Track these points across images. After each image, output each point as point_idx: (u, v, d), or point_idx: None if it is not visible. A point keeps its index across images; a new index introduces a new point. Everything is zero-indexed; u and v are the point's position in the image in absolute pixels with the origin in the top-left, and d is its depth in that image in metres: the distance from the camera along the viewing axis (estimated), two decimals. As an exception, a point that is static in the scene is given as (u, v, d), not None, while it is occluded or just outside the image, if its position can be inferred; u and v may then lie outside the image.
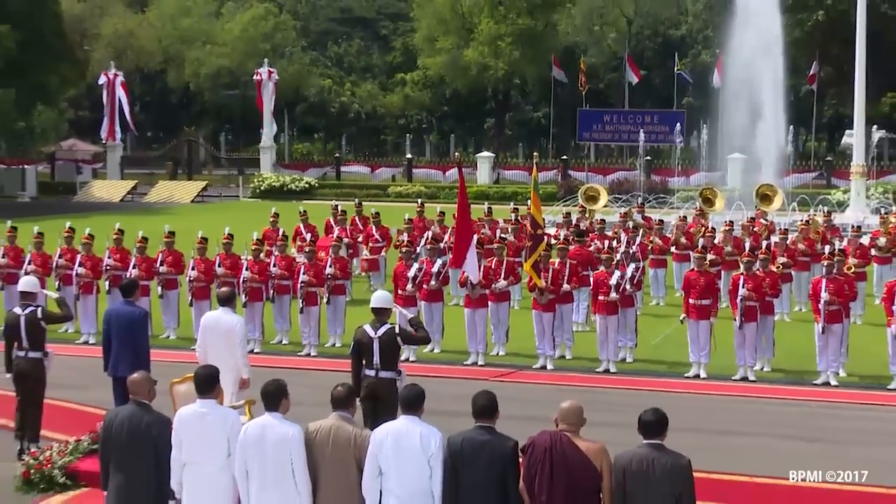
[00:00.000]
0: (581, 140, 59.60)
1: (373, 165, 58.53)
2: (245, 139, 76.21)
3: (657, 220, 24.08)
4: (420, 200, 28.30)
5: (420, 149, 75.00)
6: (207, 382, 8.20)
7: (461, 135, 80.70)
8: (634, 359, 17.14)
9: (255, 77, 56.80)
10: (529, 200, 17.35)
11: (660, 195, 41.07)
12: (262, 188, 53.05)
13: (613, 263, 16.96)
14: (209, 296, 17.75)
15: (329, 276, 18.00)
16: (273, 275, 18.25)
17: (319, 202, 41.82)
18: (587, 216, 26.50)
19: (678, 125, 48.75)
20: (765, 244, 20.20)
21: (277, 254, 18.60)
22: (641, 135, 49.21)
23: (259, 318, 18.04)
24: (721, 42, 49.86)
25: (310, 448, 7.80)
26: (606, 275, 16.69)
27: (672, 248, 22.68)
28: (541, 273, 16.63)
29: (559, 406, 7.64)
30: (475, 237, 17.98)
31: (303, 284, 17.69)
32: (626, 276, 16.82)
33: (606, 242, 20.52)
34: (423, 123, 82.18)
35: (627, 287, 16.83)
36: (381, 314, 10.98)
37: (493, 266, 17.39)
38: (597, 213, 27.68)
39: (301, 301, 17.71)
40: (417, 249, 20.83)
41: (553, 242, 18.29)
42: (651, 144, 52.06)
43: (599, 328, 16.67)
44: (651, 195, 39.82)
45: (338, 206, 25.85)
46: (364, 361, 10.83)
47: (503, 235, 20.83)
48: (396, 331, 10.95)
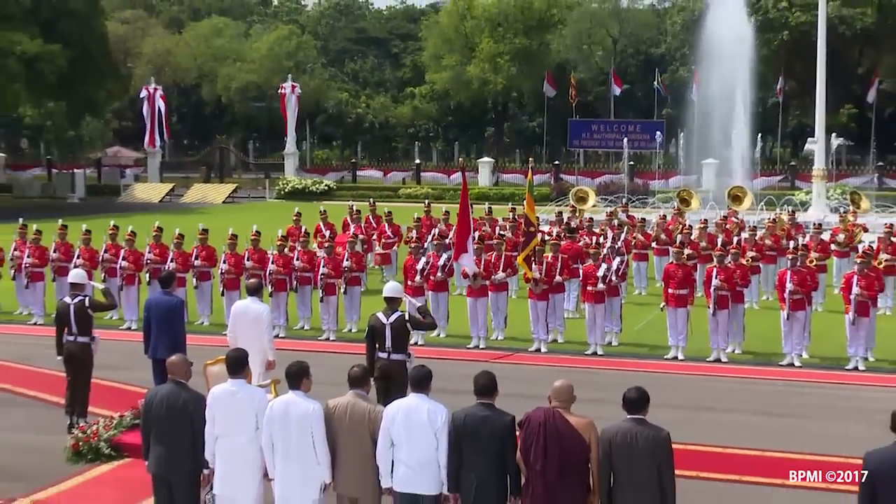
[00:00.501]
0: (571, 147, 59.41)
1: (385, 170, 58.46)
2: (271, 146, 76.19)
3: (640, 219, 24.02)
4: (427, 201, 28.24)
5: (427, 155, 74.93)
6: (237, 364, 8.19)
7: (464, 142, 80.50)
8: (619, 343, 17.13)
9: (280, 91, 56.74)
10: (525, 201, 17.31)
11: (642, 196, 41.05)
12: (287, 190, 53.03)
13: (600, 257, 16.95)
14: (239, 286, 17.76)
15: (346, 269, 17.99)
16: (296, 267, 18.26)
17: (337, 203, 41.76)
18: (577, 215, 26.44)
19: (658, 133, 48.53)
20: (736, 240, 20.21)
21: (300, 249, 18.59)
22: (625, 142, 49.06)
23: (283, 307, 18.06)
24: (697, 59, 49.72)
25: (329, 422, 7.79)
26: (594, 267, 16.68)
27: (653, 244, 22.69)
28: (533, 266, 16.62)
29: (552, 385, 7.62)
30: (475, 234, 17.95)
31: (322, 276, 17.70)
32: (612, 269, 16.79)
33: (594, 238, 20.49)
34: (430, 132, 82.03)
35: (613, 278, 16.80)
36: (393, 303, 10.96)
37: (493, 260, 17.38)
38: (586, 212, 27.59)
39: (321, 291, 17.73)
40: (425, 245, 20.84)
41: (546, 238, 18.22)
42: (634, 150, 51.88)
43: (588, 315, 16.65)
44: (634, 196, 39.76)
45: (353, 206, 25.85)
46: (377, 345, 10.83)
47: (502, 232, 20.81)
48: (406, 318, 10.93)
